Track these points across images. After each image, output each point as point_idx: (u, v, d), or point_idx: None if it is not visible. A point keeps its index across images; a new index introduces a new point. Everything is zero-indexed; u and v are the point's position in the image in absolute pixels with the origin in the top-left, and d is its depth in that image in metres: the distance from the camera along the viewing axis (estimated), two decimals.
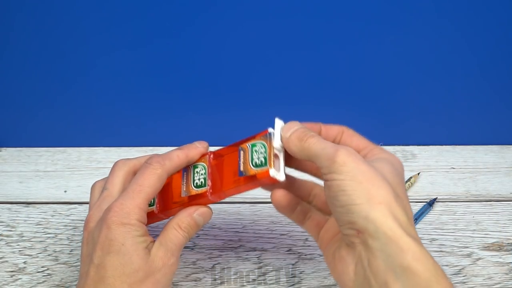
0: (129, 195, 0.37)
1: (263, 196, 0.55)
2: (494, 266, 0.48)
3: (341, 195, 0.32)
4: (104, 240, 0.36)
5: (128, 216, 0.36)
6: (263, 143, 0.38)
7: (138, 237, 0.36)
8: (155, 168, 0.38)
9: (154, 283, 0.36)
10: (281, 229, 0.51)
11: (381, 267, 0.30)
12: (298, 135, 0.36)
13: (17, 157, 0.61)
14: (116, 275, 0.35)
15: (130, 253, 0.35)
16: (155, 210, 0.41)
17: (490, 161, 0.60)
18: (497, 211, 0.54)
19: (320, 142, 0.35)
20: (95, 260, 0.36)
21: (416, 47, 0.55)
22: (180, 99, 0.59)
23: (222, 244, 0.50)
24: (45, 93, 0.58)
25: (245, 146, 0.39)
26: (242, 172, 0.38)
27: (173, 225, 0.39)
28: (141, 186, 0.37)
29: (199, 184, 0.40)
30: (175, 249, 0.38)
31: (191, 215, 0.39)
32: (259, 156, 0.38)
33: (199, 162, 0.41)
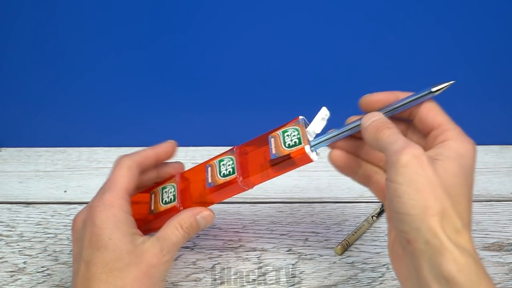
0: (105, 189, 0.38)
1: (263, 196, 0.55)
2: (494, 266, 0.48)
3: (396, 201, 0.32)
4: (91, 236, 0.36)
5: (111, 208, 0.37)
6: (295, 127, 0.39)
7: (125, 230, 0.36)
8: (123, 160, 0.40)
9: (147, 277, 0.36)
10: (281, 229, 0.51)
11: (428, 277, 0.31)
12: (376, 124, 0.35)
13: (17, 157, 0.61)
14: (107, 270, 0.35)
15: (119, 248, 0.36)
16: (177, 205, 0.42)
17: (490, 161, 0.60)
18: (497, 211, 0.54)
19: (392, 135, 0.34)
20: (85, 257, 0.36)
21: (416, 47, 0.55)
22: (180, 99, 0.59)
23: (222, 244, 0.50)
24: (45, 93, 0.58)
25: (275, 134, 0.40)
26: (274, 154, 0.39)
27: (174, 223, 0.39)
28: (114, 179, 0.39)
29: (226, 173, 0.41)
30: (172, 247, 0.38)
31: (194, 216, 0.40)
32: (292, 138, 0.39)
33: (222, 157, 0.43)
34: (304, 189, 0.56)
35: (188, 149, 0.62)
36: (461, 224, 0.31)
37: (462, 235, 0.31)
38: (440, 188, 0.31)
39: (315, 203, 0.54)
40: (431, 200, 0.31)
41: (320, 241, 0.50)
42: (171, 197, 0.43)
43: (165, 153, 0.43)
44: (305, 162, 0.39)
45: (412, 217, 0.31)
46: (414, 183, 0.31)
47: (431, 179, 0.31)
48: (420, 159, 0.31)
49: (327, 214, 0.53)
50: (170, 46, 0.54)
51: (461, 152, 0.34)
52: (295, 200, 0.55)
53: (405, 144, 0.32)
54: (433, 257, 0.30)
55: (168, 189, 0.44)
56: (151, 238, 0.38)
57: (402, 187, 0.31)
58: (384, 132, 0.34)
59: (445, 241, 0.30)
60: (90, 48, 0.55)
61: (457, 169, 0.33)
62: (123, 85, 0.57)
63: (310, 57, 0.55)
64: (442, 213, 0.31)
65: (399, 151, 0.32)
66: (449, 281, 0.30)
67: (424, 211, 0.30)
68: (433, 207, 0.31)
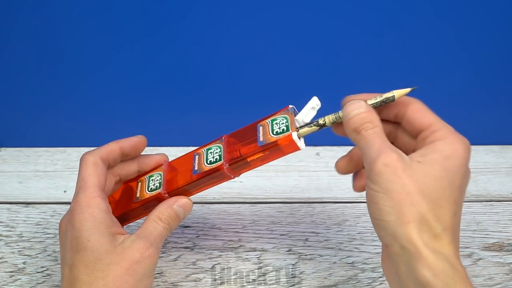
0: (78, 191, 0.38)
1: (263, 196, 0.55)
2: (494, 266, 0.48)
3: (373, 207, 0.32)
4: (72, 240, 0.36)
5: (87, 209, 0.37)
6: (284, 116, 0.39)
7: (103, 230, 0.36)
8: (86, 158, 0.40)
9: (130, 274, 0.36)
10: (281, 229, 0.51)
11: (407, 281, 0.31)
12: (356, 122, 0.34)
13: (17, 157, 0.61)
14: (88, 272, 0.35)
15: (98, 249, 0.36)
16: (162, 192, 0.42)
17: (491, 161, 0.60)
18: (498, 211, 0.54)
19: (369, 139, 0.33)
20: (68, 260, 0.36)
21: (416, 47, 0.55)
22: (180, 99, 0.59)
23: (222, 244, 0.50)
24: (45, 93, 0.58)
25: (264, 122, 0.40)
26: (262, 141, 0.39)
27: (153, 217, 0.39)
28: (83, 178, 0.39)
29: (213, 161, 0.41)
30: (154, 240, 0.38)
31: (171, 206, 0.40)
32: (280, 126, 0.39)
33: (210, 145, 0.42)
34: (304, 189, 0.56)
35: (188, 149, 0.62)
36: (441, 228, 0.31)
37: (441, 239, 0.31)
38: (417, 193, 0.31)
39: (315, 203, 0.54)
40: (406, 207, 0.31)
41: (320, 241, 0.50)
42: (157, 184, 0.42)
43: (131, 146, 0.43)
44: (292, 149, 0.38)
45: (388, 223, 0.31)
46: (389, 191, 0.31)
47: (406, 186, 0.31)
48: (393, 167, 0.31)
49: (327, 214, 0.53)
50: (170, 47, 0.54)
51: (448, 154, 0.33)
52: (295, 200, 0.55)
53: (379, 151, 0.32)
54: (409, 262, 0.31)
55: (155, 177, 0.43)
56: (132, 236, 0.38)
57: (378, 194, 0.32)
58: (361, 134, 0.34)
59: (420, 246, 0.30)
60: (90, 48, 0.54)
61: (439, 172, 0.32)
62: (123, 86, 0.57)
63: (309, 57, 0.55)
64: (418, 219, 0.31)
65: (373, 159, 0.32)
66: (425, 286, 0.30)
67: (398, 218, 0.31)
68: (408, 214, 0.31)
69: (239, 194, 0.56)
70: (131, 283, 0.35)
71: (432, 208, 0.31)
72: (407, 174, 0.31)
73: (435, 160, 0.33)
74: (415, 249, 0.30)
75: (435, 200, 0.31)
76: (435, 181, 0.32)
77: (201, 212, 0.53)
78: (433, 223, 0.31)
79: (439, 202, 0.32)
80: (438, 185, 0.32)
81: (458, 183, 0.33)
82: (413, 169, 0.32)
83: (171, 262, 0.48)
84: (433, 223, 0.31)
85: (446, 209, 0.32)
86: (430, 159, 0.33)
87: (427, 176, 0.32)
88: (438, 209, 0.31)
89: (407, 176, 0.31)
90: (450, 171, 0.32)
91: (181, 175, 0.42)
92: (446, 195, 0.32)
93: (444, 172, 0.32)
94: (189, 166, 0.42)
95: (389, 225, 0.31)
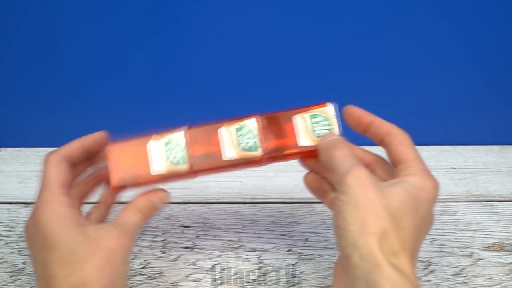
0: (40, 190, 0.38)
1: (263, 196, 0.55)
2: (494, 266, 0.48)
3: (339, 217, 0.33)
4: (40, 240, 0.36)
5: (49, 206, 0.36)
6: (324, 116, 0.39)
7: (70, 224, 0.36)
8: (49, 158, 0.39)
9: (108, 263, 0.36)
10: (281, 229, 0.51)
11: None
12: (329, 144, 0.37)
13: (17, 157, 0.61)
14: (63, 266, 0.35)
15: (68, 243, 0.35)
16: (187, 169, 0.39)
17: (491, 161, 0.60)
18: (498, 211, 0.54)
19: (342, 157, 0.35)
20: (40, 260, 0.36)
21: (416, 47, 0.55)
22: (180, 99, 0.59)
23: (222, 244, 0.50)
24: (45, 93, 0.58)
25: (302, 115, 0.39)
26: (304, 142, 0.39)
27: (129, 208, 0.39)
28: (45, 177, 0.38)
29: (247, 147, 0.39)
30: (129, 229, 0.38)
31: (149, 198, 0.40)
32: (322, 128, 0.39)
33: (240, 123, 0.40)
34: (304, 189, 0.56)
35: None
36: (400, 247, 0.32)
37: (399, 257, 0.32)
38: (383, 209, 0.32)
39: (315, 203, 0.54)
40: (370, 219, 0.32)
41: (320, 241, 0.50)
42: (178, 158, 0.39)
43: (93, 143, 0.42)
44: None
45: (350, 232, 0.32)
46: (356, 203, 0.32)
47: (373, 200, 0.32)
48: (363, 181, 0.33)
49: (327, 214, 0.53)
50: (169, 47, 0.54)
51: (417, 185, 0.35)
52: (295, 200, 0.55)
53: (351, 166, 0.34)
54: (368, 274, 0.31)
55: (173, 146, 0.39)
56: (106, 225, 0.38)
57: (345, 205, 0.33)
58: (334, 153, 0.36)
59: (380, 259, 0.31)
60: (90, 48, 0.55)
61: (406, 196, 0.34)
62: (123, 86, 0.57)
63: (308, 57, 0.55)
64: (381, 232, 0.31)
65: (344, 173, 0.34)
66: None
67: (362, 228, 0.32)
68: (371, 226, 0.32)
69: (239, 194, 0.56)
70: (109, 271, 0.35)
71: (395, 226, 0.32)
72: (375, 190, 0.33)
73: (404, 187, 0.34)
74: (375, 261, 0.31)
75: (399, 220, 0.32)
76: (401, 202, 0.33)
77: (201, 212, 0.53)
78: (393, 240, 0.32)
79: (402, 223, 0.33)
80: (403, 206, 0.33)
81: (422, 214, 0.34)
82: (381, 188, 0.33)
83: (171, 262, 0.48)
84: (393, 240, 0.32)
85: (407, 232, 0.33)
86: (399, 185, 0.34)
87: (394, 196, 0.33)
88: (400, 229, 0.32)
89: (375, 191, 0.33)
90: (416, 199, 0.34)
91: (210, 154, 0.39)
92: (409, 219, 0.33)
93: (411, 198, 0.34)
94: (216, 144, 0.39)
95: (351, 235, 0.32)
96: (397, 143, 0.37)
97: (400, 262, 0.31)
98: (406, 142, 0.37)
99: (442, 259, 0.48)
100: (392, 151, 0.37)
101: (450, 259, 0.48)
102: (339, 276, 0.35)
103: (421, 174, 0.35)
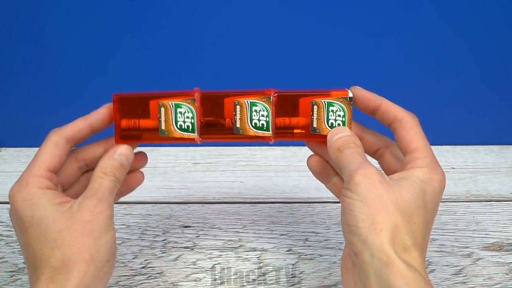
0: (26, 168, 0.37)
1: (263, 196, 0.55)
2: (494, 266, 0.48)
3: (348, 214, 0.33)
4: (16, 221, 0.35)
5: (26, 188, 0.35)
6: (342, 105, 0.38)
7: (45, 203, 0.35)
8: (50, 136, 0.38)
9: (86, 235, 0.34)
10: (281, 229, 0.51)
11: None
12: (338, 143, 0.37)
13: (17, 157, 0.61)
14: (42, 245, 0.34)
15: (43, 221, 0.34)
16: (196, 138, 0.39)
17: (490, 161, 0.60)
18: (497, 211, 0.54)
19: (351, 156, 0.35)
20: (21, 242, 0.35)
21: (416, 47, 0.55)
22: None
23: (222, 244, 0.50)
24: (45, 93, 0.58)
25: (319, 101, 0.39)
26: (315, 129, 0.39)
27: (96, 174, 0.37)
28: (37, 156, 0.37)
29: (259, 126, 0.39)
30: (102, 195, 0.36)
31: (112, 157, 0.38)
32: (337, 118, 0.38)
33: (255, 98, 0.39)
34: (304, 189, 0.56)
35: (188, 149, 0.62)
36: (411, 243, 0.32)
37: (411, 253, 0.32)
38: (392, 205, 0.32)
39: (315, 203, 0.54)
40: (380, 215, 0.32)
41: (320, 241, 0.50)
42: (188, 124, 0.39)
43: (100, 121, 0.39)
44: None
45: (361, 229, 0.32)
46: (366, 199, 0.32)
47: (383, 197, 0.32)
48: (371, 178, 0.33)
49: (327, 214, 0.53)
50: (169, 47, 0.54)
51: (424, 179, 0.35)
52: (295, 200, 0.55)
53: (359, 164, 0.34)
54: (380, 270, 0.31)
55: (184, 110, 0.39)
56: (78, 198, 0.36)
57: (355, 202, 0.33)
58: (344, 152, 0.36)
59: (392, 255, 0.31)
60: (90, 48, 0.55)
61: (415, 190, 0.34)
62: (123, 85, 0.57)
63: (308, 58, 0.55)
64: (392, 228, 0.32)
65: (353, 171, 0.34)
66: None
67: (372, 225, 0.32)
68: (381, 222, 0.32)
69: (239, 194, 0.56)
70: (89, 243, 0.34)
71: (405, 221, 0.32)
72: (384, 186, 0.33)
73: (412, 181, 0.34)
74: (387, 257, 0.31)
75: (409, 215, 0.33)
76: (411, 196, 0.33)
77: (201, 212, 0.53)
78: (405, 236, 0.32)
79: (413, 217, 0.33)
80: (413, 201, 0.33)
81: (431, 208, 0.34)
82: (390, 184, 0.34)
83: (171, 262, 0.48)
84: (405, 236, 0.32)
85: (418, 226, 0.33)
86: (407, 180, 0.34)
87: (403, 191, 0.33)
88: (411, 224, 0.33)
89: (384, 188, 0.33)
90: (425, 193, 0.34)
91: (217, 124, 0.39)
92: (420, 212, 0.33)
93: (419, 191, 0.34)
94: (228, 115, 0.39)
95: (361, 232, 0.32)
96: (404, 131, 0.37)
97: (411, 257, 0.32)
98: (414, 129, 0.37)
99: (441, 259, 0.48)
100: (400, 139, 0.37)
101: (450, 259, 0.48)
102: (347, 271, 0.35)
103: (428, 167, 0.35)
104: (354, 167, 0.34)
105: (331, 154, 0.37)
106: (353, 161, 0.35)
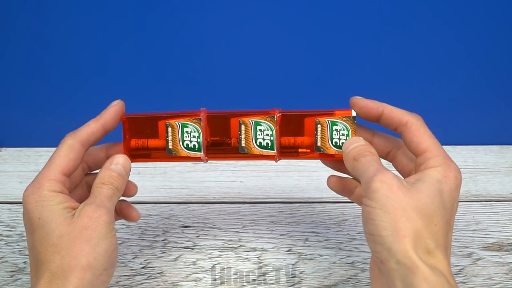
0: (41, 171, 0.37)
1: (263, 196, 0.55)
2: (494, 266, 0.48)
3: (369, 223, 0.33)
4: (26, 222, 0.36)
5: (38, 190, 0.36)
6: (345, 125, 0.39)
7: (53, 206, 0.35)
8: (65, 140, 0.38)
9: (84, 241, 0.34)
10: (281, 229, 0.51)
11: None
12: (353, 153, 0.37)
13: (17, 157, 0.61)
14: (44, 249, 0.34)
15: (48, 224, 0.35)
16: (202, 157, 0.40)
17: (490, 161, 0.60)
18: (497, 211, 0.54)
19: (367, 164, 0.35)
20: (28, 243, 0.36)
21: (416, 47, 0.55)
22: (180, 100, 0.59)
23: (222, 244, 0.50)
24: (45, 93, 0.58)
25: (323, 120, 0.39)
26: (319, 147, 0.39)
27: (95, 185, 0.38)
28: (51, 159, 0.37)
29: (264, 145, 0.40)
30: (101, 201, 0.36)
31: (108, 168, 0.38)
32: (341, 137, 0.39)
33: (260, 118, 0.39)
34: (304, 189, 0.56)
35: None
36: (434, 245, 0.32)
37: (435, 256, 0.32)
38: (412, 209, 0.32)
39: (315, 203, 0.54)
40: (402, 222, 0.32)
41: (320, 241, 0.50)
42: (194, 143, 0.39)
43: (113, 120, 0.40)
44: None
45: (384, 238, 0.32)
46: (385, 206, 0.33)
47: (402, 202, 0.33)
48: (389, 184, 0.33)
49: (327, 214, 0.53)
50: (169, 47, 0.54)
51: (439, 179, 0.35)
52: (295, 200, 0.55)
53: (376, 171, 0.34)
54: (405, 276, 0.31)
55: (190, 130, 0.40)
56: (79, 206, 0.36)
57: (375, 210, 0.33)
58: (360, 161, 0.36)
59: (416, 260, 0.31)
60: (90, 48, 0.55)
61: (432, 191, 0.34)
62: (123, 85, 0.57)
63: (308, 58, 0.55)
64: (413, 234, 0.32)
65: (370, 178, 0.34)
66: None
67: (395, 232, 0.32)
68: (404, 228, 0.32)
69: (239, 194, 0.56)
70: (87, 250, 0.34)
71: (426, 225, 0.32)
72: (402, 191, 0.33)
73: (428, 182, 0.34)
74: (411, 263, 0.31)
75: (429, 218, 0.33)
76: (429, 198, 0.33)
77: (201, 212, 0.53)
78: (427, 240, 0.32)
79: (433, 219, 0.33)
80: (432, 202, 0.33)
81: (450, 206, 0.34)
82: (407, 188, 0.34)
83: (171, 262, 0.48)
84: (427, 240, 0.32)
85: (439, 228, 0.33)
86: (423, 182, 0.34)
87: (421, 194, 0.33)
88: (432, 226, 0.33)
89: (402, 193, 0.33)
90: (442, 192, 0.34)
91: (223, 143, 0.40)
92: (440, 213, 0.33)
93: (437, 192, 0.34)
94: (232, 134, 0.40)
95: (385, 240, 0.32)
96: (411, 134, 0.37)
97: (435, 260, 0.32)
98: (420, 130, 0.37)
99: None
100: (408, 142, 0.37)
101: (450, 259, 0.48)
102: (376, 277, 0.35)
103: (441, 166, 0.35)
104: (371, 174, 0.34)
105: (348, 165, 0.37)
106: (370, 168, 0.35)
